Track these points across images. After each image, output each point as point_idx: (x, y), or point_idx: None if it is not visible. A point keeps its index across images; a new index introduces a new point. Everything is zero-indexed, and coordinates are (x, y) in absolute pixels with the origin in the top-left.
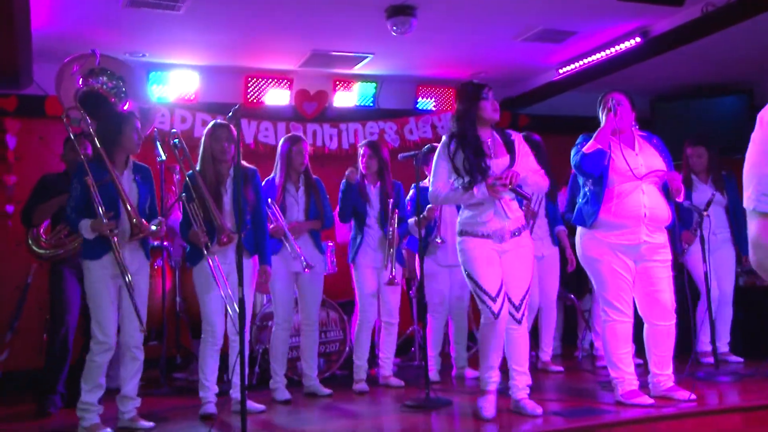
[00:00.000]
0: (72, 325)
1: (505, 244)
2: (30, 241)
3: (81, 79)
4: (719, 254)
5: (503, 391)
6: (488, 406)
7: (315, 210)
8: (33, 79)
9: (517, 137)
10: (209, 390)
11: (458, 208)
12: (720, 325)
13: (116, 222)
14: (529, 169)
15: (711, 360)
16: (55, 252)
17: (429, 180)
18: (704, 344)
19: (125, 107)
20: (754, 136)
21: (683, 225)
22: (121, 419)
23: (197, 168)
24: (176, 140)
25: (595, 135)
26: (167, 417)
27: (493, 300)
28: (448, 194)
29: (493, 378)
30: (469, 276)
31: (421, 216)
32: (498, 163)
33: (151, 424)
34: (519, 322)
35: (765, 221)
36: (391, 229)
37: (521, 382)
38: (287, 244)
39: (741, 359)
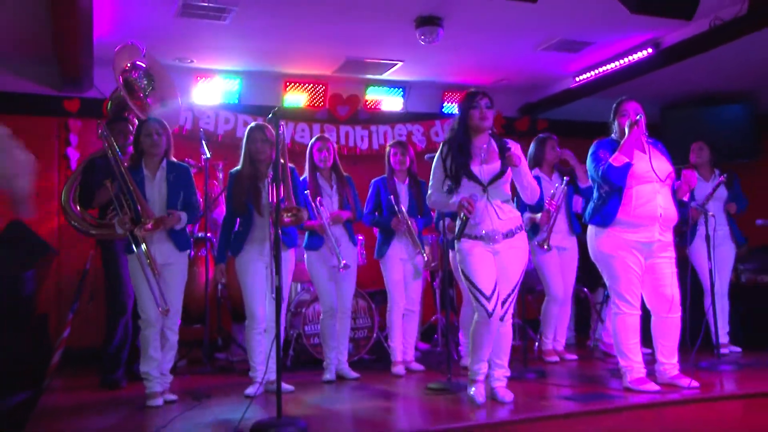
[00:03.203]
0: (130, 310)
1: (497, 246)
2: (69, 212)
3: (127, 66)
4: (720, 250)
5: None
6: (480, 392)
7: (347, 204)
8: (93, 83)
9: (514, 146)
10: (258, 371)
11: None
12: (720, 317)
13: (129, 215)
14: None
15: (725, 351)
16: (88, 229)
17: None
18: (722, 336)
19: (148, 100)
20: None
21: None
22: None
23: (239, 167)
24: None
25: (621, 147)
26: (210, 394)
27: (488, 299)
28: (436, 199)
29: (483, 370)
30: (465, 276)
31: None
32: (488, 169)
33: (174, 396)
34: (501, 319)
35: None
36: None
37: (499, 374)
38: (327, 240)
39: (739, 349)
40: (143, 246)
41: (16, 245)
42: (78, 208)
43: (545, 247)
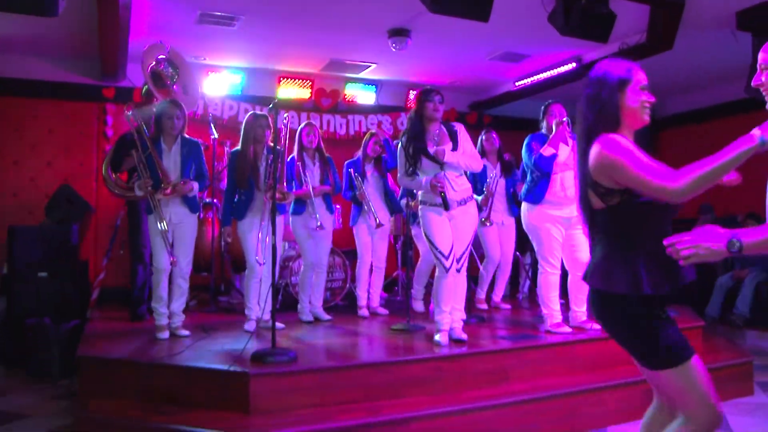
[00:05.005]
0: (148, 259)
1: (453, 212)
2: (107, 177)
3: (155, 60)
4: None
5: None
6: (444, 338)
7: (327, 180)
8: (126, 75)
9: (459, 127)
10: (252, 310)
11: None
12: None
13: (151, 181)
14: (465, 153)
15: None
16: (123, 193)
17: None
18: None
19: (174, 87)
20: None
21: None
22: (170, 328)
23: (239, 147)
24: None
25: (549, 141)
26: (216, 328)
27: (446, 258)
28: (410, 184)
29: (446, 320)
30: (428, 238)
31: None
32: (443, 149)
33: (187, 332)
34: (458, 271)
35: None
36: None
37: (457, 317)
38: (309, 206)
39: None
40: (158, 206)
41: (65, 204)
42: (113, 175)
43: (487, 223)
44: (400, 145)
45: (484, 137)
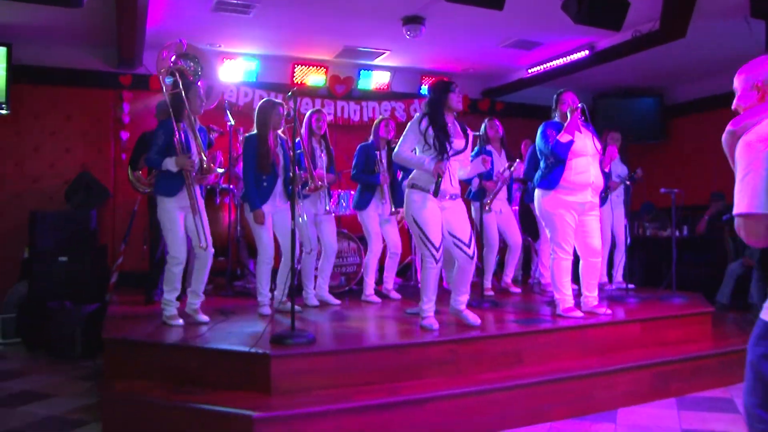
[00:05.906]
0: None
1: (445, 203)
2: (132, 179)
3: (174, 59)
4: (617, 212)
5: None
6: (434, 322)
7: (332, 168)
8: (143, 63)
9: (470, 132)
10: (265, 296)
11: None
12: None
13: (194, 159)
14: (472, 162)
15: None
16: (151, 188)
17: (398, 142)
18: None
19: (198, 84)
20: None
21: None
22: (188, 308)
23: (255, 131)
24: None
25: (565, 128)
26: (233, 312)
27: (437, 250)
28: (410, 159)
29: (433, 308)
30: (417, 224)
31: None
32: (457, 143)
33: (207, 318)
34: (471, 258)
35: None
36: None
37: (464, 299)
38: (321, 192)
39: (633, 285)
40: (191, 187)
41: (84, 190)
42: (137, 174)
43: (486, 208)
44: (415, 124)
45: (487, 124)
